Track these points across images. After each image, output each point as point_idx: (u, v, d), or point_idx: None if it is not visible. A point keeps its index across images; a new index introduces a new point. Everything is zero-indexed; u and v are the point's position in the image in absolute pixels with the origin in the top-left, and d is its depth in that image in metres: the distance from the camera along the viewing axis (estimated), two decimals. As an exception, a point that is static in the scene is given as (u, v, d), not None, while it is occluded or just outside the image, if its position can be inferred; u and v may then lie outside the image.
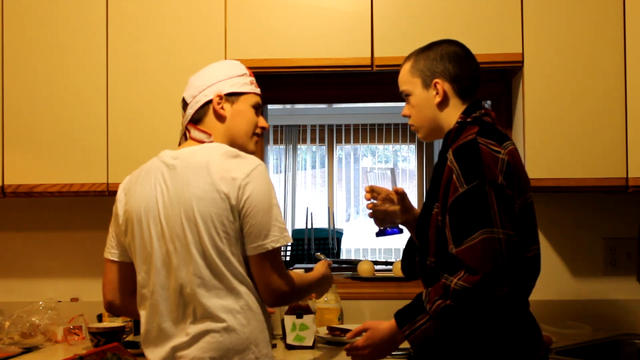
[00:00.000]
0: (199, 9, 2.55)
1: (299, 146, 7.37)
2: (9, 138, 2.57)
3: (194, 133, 1.89)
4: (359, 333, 1.90)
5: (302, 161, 7.52)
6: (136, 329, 2.61)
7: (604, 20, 2.47)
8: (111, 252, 1.92)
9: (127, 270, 1.90)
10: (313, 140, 7.39)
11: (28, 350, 2.47)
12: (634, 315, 2.73)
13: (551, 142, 2.47)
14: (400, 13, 2.52)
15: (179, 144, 1.95)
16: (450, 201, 1.69)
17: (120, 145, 2.54)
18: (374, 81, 2.83)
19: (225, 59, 2.51)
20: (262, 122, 1.96)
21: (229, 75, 1.91)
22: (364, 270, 2.92)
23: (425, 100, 1.86)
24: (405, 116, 1.94)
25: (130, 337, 2.56)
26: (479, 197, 1.65)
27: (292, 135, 7.28)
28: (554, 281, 2.79)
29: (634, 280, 2.76)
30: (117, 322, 2.56)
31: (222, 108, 1.88)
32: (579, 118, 2.47)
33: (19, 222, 2.92)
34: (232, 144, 1.89)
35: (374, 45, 2.52)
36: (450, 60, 1.84)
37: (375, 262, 3.06)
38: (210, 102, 1.88)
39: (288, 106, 6.27)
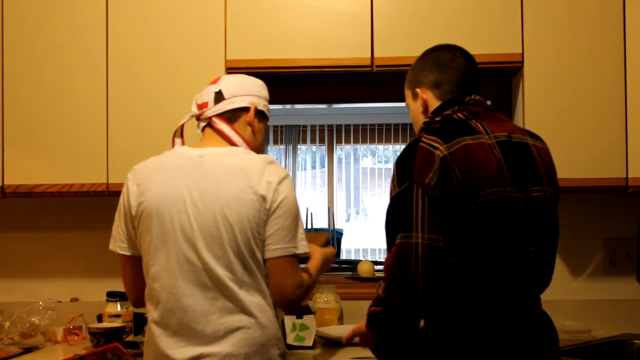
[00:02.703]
0: (199, 9, 2.55)
1: (299, 146, 7.37)
2: (9, 138, 2.57)
3: (224, 127, 1.90)
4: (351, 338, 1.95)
5: (302, 161, 7.52)
6: (136, 329, 2.61)
7: (604, 20, 2.47)
8: (121, 247, 1.90)
9: (140, 264, 1.87)
10: (313, 141, 7.39)
11: (28, 350, 2.47)
12: (634, 315, 2.73)
13: (551, 142, 2.44)
14: (400, 13, 2.52)
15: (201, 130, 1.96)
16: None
17: (120, 145, 2.54)
18: (374, 81, 2.83)
19: (226, 59, 2.52)
20: None
21: (264, 95, 2.01)
22: (364, 270, 2.92)
23: (416, 110, 1.86)
24: None
25: (130, 337, 2.56)
26: (405, 200, 1.60)
27: (292, 135, 7.27)
28: (554, 281, 2.76)
29: (634, 280, 2.76)
30: (117, 322, 2.56)
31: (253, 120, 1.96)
32: (579, 118, 2.47)
33: (19, 222, 2.92)
34: None
35: (374, 45, 2.52)
36: (432, 68, 1.82)
37: (375, 262, 3.06)
38: (246, 109, 1.94)
39: (288, 106, 6.24)
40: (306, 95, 2.96)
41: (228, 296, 1.77)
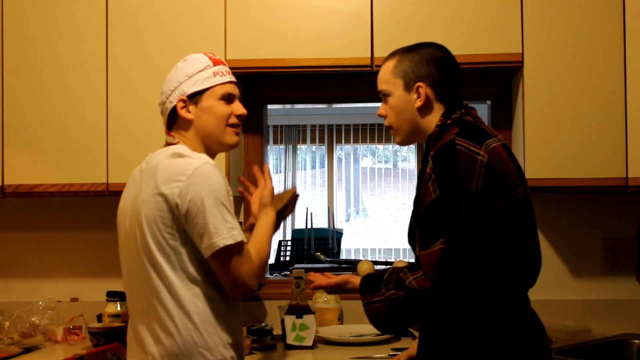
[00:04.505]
0: (199, 9, 2.55)
1: (298, 146, 7.36)
2: (9, 138, 2.57)
3: (167, 139, 1.89)
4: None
5: (302, 161, 7.51)
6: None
7: (604, 21, 2.47)
8: None
9: None
10: (313, 140, 7.38)
11: (28, 350, 2.47)
12: (634, 315, 2.73)
13: (551, 142, 2.47)
14: (400, 13, 2.52)
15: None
16: (425, 205, 1.68)
17: (120, 145, 2.54)
18: (374, 81, 2.81)
19: (225, 59, 2.51)
20: (237, 109, 1.88)
21: (189, 74, 1.84)
22: (363, 270, 2.92)
23: (405, 103, 1.81)
24: (380, 116, 1.89)
25: (130, 337, 2.56)
26: (449, 205, 1.62)
27: (292, 135, 7.27)
28: (554, 281, 2.79)
29: (634, 280, 2.76)
30: (117, 322, 2.56)
31: (188, 111, 1.84)
32: (579, 118, 2.46)
33: (19, 222, 2.92)
34: (207, 142, 1.86)
35: (374, 45, 2.52)
36: (436, 66, 1.80)
37: (375, 262, 3.06)
38: (174, 108, 1.85)
39: (288, 106, 6.26)
40: (306, 95, 2.96)
41: (148, 305, 1.75)
